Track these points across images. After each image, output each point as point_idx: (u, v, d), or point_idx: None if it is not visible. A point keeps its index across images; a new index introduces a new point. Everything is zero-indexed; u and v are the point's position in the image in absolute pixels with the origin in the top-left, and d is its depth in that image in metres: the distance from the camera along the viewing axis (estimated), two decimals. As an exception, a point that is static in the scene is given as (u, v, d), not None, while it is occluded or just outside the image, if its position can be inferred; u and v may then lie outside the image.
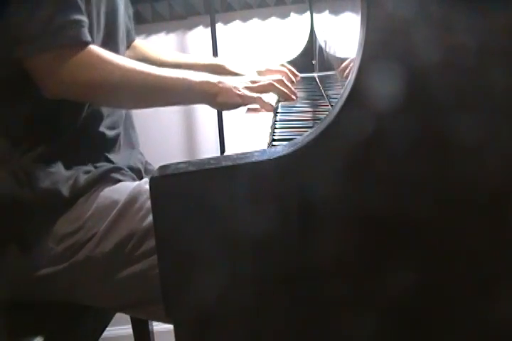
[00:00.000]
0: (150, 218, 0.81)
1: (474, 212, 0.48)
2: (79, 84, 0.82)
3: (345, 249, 0.48)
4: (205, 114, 1.82)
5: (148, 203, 0.82)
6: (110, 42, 0.91)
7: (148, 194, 0.81)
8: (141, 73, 0.85)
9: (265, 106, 0.97)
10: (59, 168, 0.84)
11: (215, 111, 1.76)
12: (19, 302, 0.85)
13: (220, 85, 0.90)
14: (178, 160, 0.49)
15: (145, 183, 0.88)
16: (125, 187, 0.88)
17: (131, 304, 0.86)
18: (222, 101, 0.90)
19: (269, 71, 1.20)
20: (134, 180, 0.94)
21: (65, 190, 0.83)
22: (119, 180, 0.90)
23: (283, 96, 1.02)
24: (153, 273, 0.78)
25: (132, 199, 0.84)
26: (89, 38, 0.80)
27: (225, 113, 1.76)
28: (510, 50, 0.46)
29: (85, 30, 0.79)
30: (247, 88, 0.94)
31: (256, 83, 0.97)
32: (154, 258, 0.78)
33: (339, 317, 0.50)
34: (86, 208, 0.85)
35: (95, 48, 0.81)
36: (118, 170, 0.92)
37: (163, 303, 0.49)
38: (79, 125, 0.88)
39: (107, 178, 0.89)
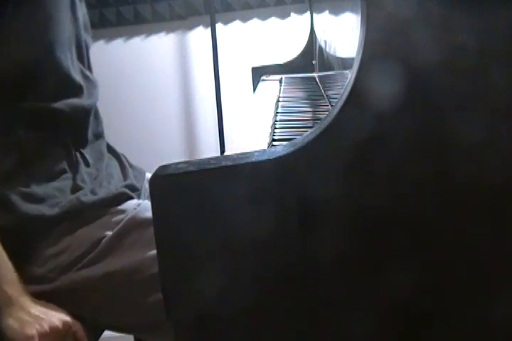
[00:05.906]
0: (142, 252, 0.79)
1: (475, 211, 0.48)
2: None
3: (345, 248, 0.48)
4: (205, 114, 1.82)
5: (144, 235, 0.80)
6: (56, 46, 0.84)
7: (144, 224, 0.80)
8: None
9: None
10: (43, 193, 0.81)
11: (214, 111, 1.76)
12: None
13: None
14: (178, 160, 0.49)
15: (143, 211, 0.84)
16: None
17: (125, 328, 0.85)
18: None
19: None
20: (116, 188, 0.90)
21: (50, 212, 0.80)
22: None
23: None
24: (144, 303, 0.78)
25: (126, 230, 0.82)
26: None
27: (224, 113, 1.76)
28: (510, 50, 0.46)
29: None
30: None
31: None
32: (145, 290, 0.77)
33: (339, 317, 0.50)
34: (71, 230, 0.82)
35: None
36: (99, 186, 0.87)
37: (163, 303, 0.49)
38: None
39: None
